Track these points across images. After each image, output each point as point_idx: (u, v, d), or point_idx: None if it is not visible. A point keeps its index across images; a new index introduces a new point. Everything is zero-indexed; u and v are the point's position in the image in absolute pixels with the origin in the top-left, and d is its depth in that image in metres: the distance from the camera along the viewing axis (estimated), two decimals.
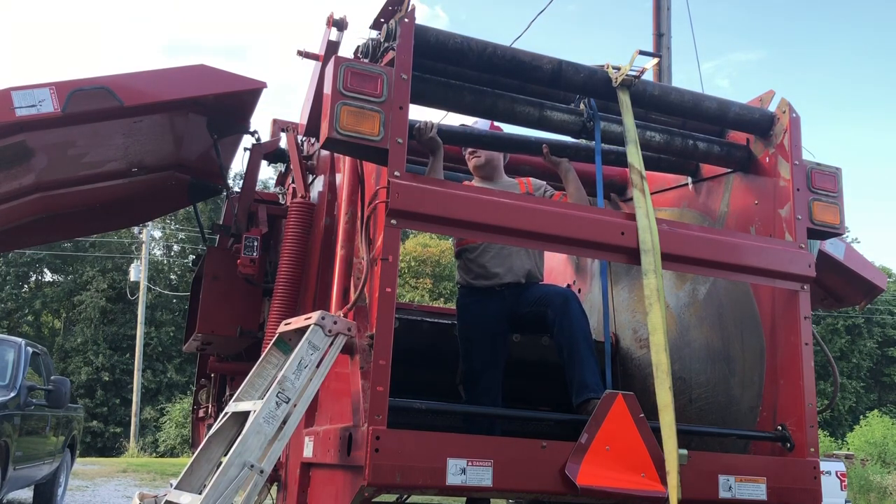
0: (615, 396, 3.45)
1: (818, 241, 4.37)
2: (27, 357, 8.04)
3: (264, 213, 5.32)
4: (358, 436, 3.15)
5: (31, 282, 37.38)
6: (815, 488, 3.72)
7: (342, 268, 3.86)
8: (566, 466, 3.26)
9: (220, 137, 5.25)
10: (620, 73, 3.89)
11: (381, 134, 3.31)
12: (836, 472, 14.64)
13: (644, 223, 3.66)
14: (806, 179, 4.09)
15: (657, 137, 4.29)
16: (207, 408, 6.47)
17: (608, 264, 4.71)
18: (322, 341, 3.23)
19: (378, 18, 3.65)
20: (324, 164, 4.67)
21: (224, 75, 4.73)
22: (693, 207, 4.72)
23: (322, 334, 3.23)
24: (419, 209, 3.32)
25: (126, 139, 5.02)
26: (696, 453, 3.54)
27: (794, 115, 4.17)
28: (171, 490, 3.31)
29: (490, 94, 3.95)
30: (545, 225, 3.54)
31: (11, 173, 4.84)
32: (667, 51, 9.65)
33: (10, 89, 4.02)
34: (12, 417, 7.20)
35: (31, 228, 5.90)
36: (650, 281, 3.57)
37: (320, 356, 3.22)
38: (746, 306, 4.20)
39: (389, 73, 3.39)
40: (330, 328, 3.24)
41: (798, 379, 3.81)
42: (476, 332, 4.25)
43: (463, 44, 3.70)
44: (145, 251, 31.43)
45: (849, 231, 28.50)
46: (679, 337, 4.55)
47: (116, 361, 33.43)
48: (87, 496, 11.20)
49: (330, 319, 3.24)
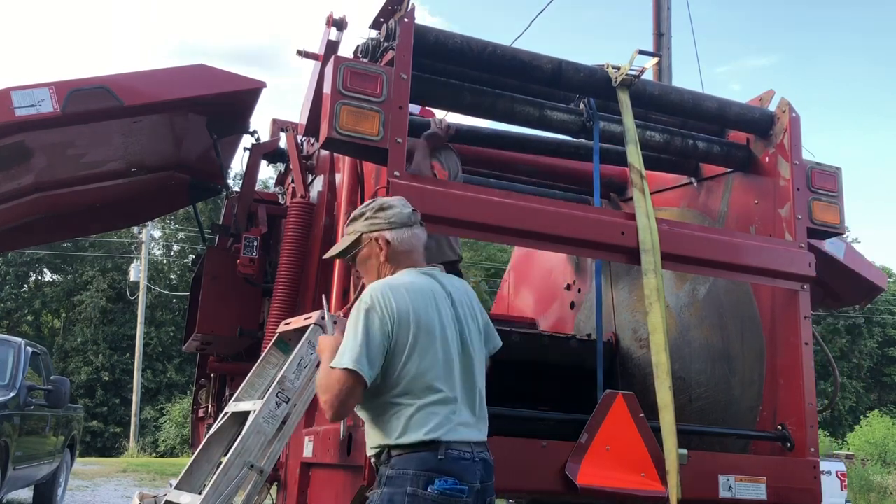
0: (615, 396, 3.44)
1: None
2: (27, 357, 8.02)
3: (264, 213, 5.32)
4: (358, 436, 3.15)
5: (30, 282, 37.34)
6: (815, 488, 3.72)
7: (342, 268, 3.85)
8: (566, 466, 3.26)
9: (220, 137, 5.25)
10: (620, 73, 3.89)
11: (380, 134, 3.31)
12: (836, 472, 14.63)
13: (644, 223, 3.65)
14: (806, 179, 4.09)
15: (657, 137, 4.29)
16: (207, 408, 6.46)
17: (604, 264, 4.71)
18: None
19: (378, 18, 3.65)
20: (323, 164, 4.67)
21: (223, 75, 4.73)
22: (693, 207, 4.72)
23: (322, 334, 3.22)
24: (419, 209, 3.31)
25: (125, 139, 5.01)
26: (696, 453, 3.54)
27: (793, 115, 4.17)
28: (171, 490, 3.31)
29: (490, 94, 3.95)
30: (545, 225, 3.54)
31: (11, 173, 4.83)
32: (667, 51, 9.63)
33: (10, 89, 4.02)
34: (12, 417, 7.19)
35: (31, 228, 5.90)
36: (650, 281, 3.57)
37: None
38: (746, 306, 4.20)
39: (389, 73, 3.38)
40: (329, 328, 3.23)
41: (798, 379, 3.81)
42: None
43: (463, 43, 3.70)
44: (145, 251, 31.43)
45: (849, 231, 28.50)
46: (679, 337, 4.54)
47: (116, 361, 33.41)
48: (86, 496, 11.20)
49: (330, 319, 3.23)
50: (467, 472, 2.44)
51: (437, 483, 2.37)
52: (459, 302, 2.64)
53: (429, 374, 2.45)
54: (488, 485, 2.53)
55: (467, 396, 2.54)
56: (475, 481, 2.46)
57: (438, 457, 2.40)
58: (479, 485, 2.47)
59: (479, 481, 2.47)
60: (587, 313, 5.36)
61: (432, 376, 2.45)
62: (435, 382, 2.45)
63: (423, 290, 2.55)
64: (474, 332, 2.65)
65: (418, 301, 2.50)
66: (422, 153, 3.93)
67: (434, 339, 2.48)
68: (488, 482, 2.53)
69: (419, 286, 2.55)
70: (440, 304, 2.56)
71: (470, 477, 2.44)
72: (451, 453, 2.42)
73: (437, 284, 2.62)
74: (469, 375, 2.57)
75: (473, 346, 2.62)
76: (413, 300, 2.49)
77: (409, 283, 2.55)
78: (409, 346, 2.44)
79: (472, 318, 2.66)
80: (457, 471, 2.41)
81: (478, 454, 2.50)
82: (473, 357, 2.60)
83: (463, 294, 2.69)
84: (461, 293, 2.68)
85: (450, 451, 2.42)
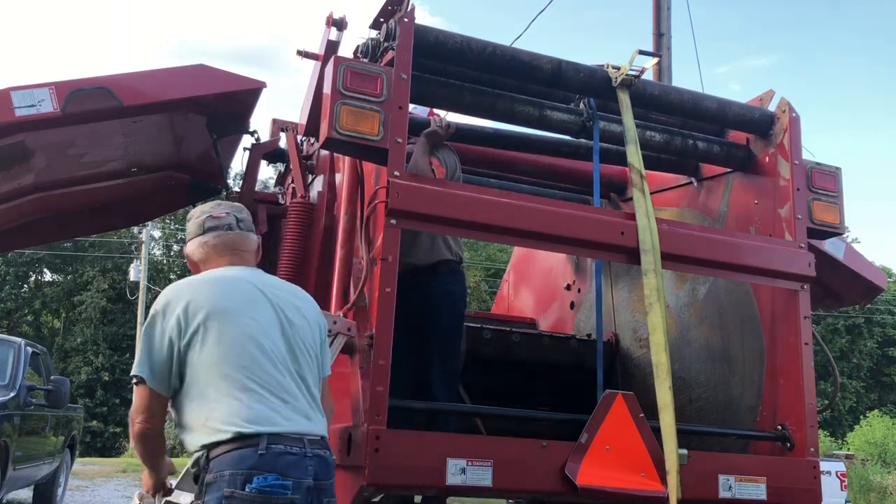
0: (615, 396, 3.45)
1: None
2: (27, 357, 8.02)
3: (264, 213, 5.31)
4: (358, 436, 3.14)
5: (30, 282, 37.35)
6: (815, 488, 3.72)
7: (342, 268, 3.85)
8: (566, 466, 3.26)
9: (220, 137, 5.24)
10: (620, 73, 3.89)
11: (380, 134, 3.31)
12: (836, 472, 14.63)
13: (644, 223, 3.65)
14: (806, 179, 4.09)
15: (657, 137, 4.29)
16: None
17: (604, 264, 4.71)
18: None
19: (378, 18, 3.65)
20: (323, 164, 4.67)
21: (223, 75, 4.72)
22: (693, 207, 4.72)
23: None
24: (419, 209, 3.32)
25: (125, 139, 5.01)
26: (696, 453, 3.54)
27: (793, 115, 4.17)
28: (172, 489, 3.30)
29: (490, 94, 3.95)
30: (545, 225, 3.54)
31: (11, 173, 4.83)
32: (667, 51, 9.63)
33: (10, 89, 4.01)
34: (12, 417, 7.18)
35: (31, 228, 5.89)
36: (650, 281, 3.57)
37: None
38: (746, 306, 4.20)
39: (389, 73, 3.38)
40: (329, 328, 3.23)
41: (798, 379, 3.80)
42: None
43: (463, 43, 3.70)
44: (145, 251, 31.42)
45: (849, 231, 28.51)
46: (679, 337, 4.55)
47: (116, 361, 33.40)
48: (86, 496, 11.19)
49: (329, 319, 3.23)
50: (294, 468, 2.22)
51: (255, 481, 2.16)
52: (275, 295, 2.46)
53: (228, 356, 2.27)
54: (325, 483, 2.32)
55: (293, 386, 2.34)
56: (305, 477, 2.24)
57: (259, 452, 2.20)
58: (312, 481, 2.26)
59: (310, 477, 2.25)
60: (587, 313, 5.37)
61: (234, 360, 2.27)
62: (238, 372, 2.26)
63: (220, 278, 2.43)
64: (300, 324, 2.45)
65: (209, 288, 2.38)
66: (421, 150, 3.94)
67: (232, 325, 2.31)
68: (325, 481, 2.32)
69: (216, 275, 2.45)
70: (241, 289, 2.41)
71: (297, 472, 2.23)
72: (273, 448, 2.21)
73: (243, 275, 2.48)
74: (295, 365, 2.37)
75: (298, 335, 2.42)
76: (201, 289, 2.37)
77: (204, 275, 2.47)
78: (201, 333, 2.28)
79: (294, 310, 2.47)
80: (280, 466, 2.20)
81: (311, 450, 2.28)
82: (297, 347, 2.41)
83: (282, 290, 2.52)
84: (281, 290, 2.52)
85: (272, 445, 2.21)
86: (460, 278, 4.17)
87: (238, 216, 2.64)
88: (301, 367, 2.40)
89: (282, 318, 2.42)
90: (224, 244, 2.56)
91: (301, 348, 2.43)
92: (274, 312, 2.41)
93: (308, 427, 2.32)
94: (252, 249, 2.62)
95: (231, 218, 2.61)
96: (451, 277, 4.07)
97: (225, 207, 2.66)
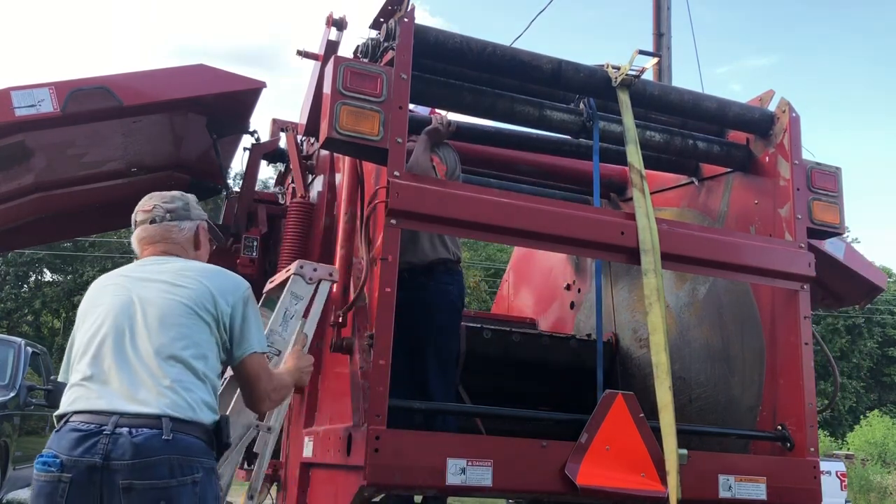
0: (615, 396, 3.44)
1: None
2: (27, 357, 8.03)
3: (264, 213, 5.31)
4: (358, 436, 3.15)
5: (30, 282, 37.34)
6: (815, 488, 3.72)
7: (342, 268, 3.85)
8: (566, 466, 3.26)
9: (220, 137, 5.24)
10: (620, 73, 3.89)
11: (380, 134, 3.31)
12: (836, 472, 14.66)
13: (644, 223, 3.65)
14: (806, 179, 4.09)
15: (657, 137, 4.28)
16: None
17: (604, 264, 4.71)
18: (304, 290, 3.22)
19: (378, 18, 3.65)
20: (323, 164, 4.67)
21: (223, 75, 4.73)
22: (693, 207, 4.72)
23: (303, 283, 3.23)
24: (419, 209, 3.32)
25: (125, 139, 5.01)
26: (696, 453, 3.54)
27: (793, 115, 4.17)
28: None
29: (490, 94, 3.95)
30: (545, 225, 3.53)
31: (11, 173, 4.83)
32: (667, 51, 9.64)
33: (10, 89, 4.02)
34: (12, 417, 7.20)
35: (31, 228, 5.89)
36: (650, 281, 3.57)
37: (305, 305, 3.21)
38: (746, 306, 4.20)
39: (389, 73, 3.38)
40: (310, 276, 3.24)
41: (798, 379, 3.80)
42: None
43: (462, 43, 3.70)
44: None
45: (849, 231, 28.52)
46: (679, 337, 4.55)
47: None
48: None
49: (309, 267, 3.25)
50: (72, 444, 2.10)
51: (37, 459, 2.12)
52: (142, 278, 2.42)
53: (79, 350, 2.35)
54: (120, 464, 2.08)
55: (119, 364, 2.25)
56: (87, 455, 2.08)
57: (56, 430, 2.18)
58: (101, 460, 2.08)
59: (97, 456, 2.08)
60: (587, 313, 5.37)
61: (82, 351, 2.33)
62: (82, 359, 2.30)
63: (114, 273, 2.54)
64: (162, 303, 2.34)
65: (101, 283, 2.49)
66: (422, 147, 3.94)
67: (93, 315, 2.37)
68: (122, 461, 2.08)
69: (102, 278, 2.55)
70: (117, 280, 2.45)
71: (72, 448, 2.09)
72: (66, 425, 2.15)
73: (141, 265, 2.52)
74: (133, 342, 2.29)
75: (158, 314, 2.32)
76: (97, 285, 2.50)
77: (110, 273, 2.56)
78: (77, 326, 2.43)
79: (164, 291, 2.37)
80: (62, 444, 2.11)
81: (116, 429, 2.11)
82: (149, 326, 2.30)
83: (161, 272, 2.44)
84: (160, 273, 2.44)
85: (67, 423, 2.16)
86: (458, 278, 4.17)
87: (167, 207, 2.66)
88: (148, 346, 2.28)
89: (134, 300, 2.36)
90: (146, 237, 2.61)
91: (155, 326, 2.31)
92: (122, 298, 2.38)
93: (116, 404, 2.17)
94: (181, 239, 2.63)
95: (158, 210, 2.64)
96: (448, 277, 4.07)
97: (155, 199, 2.69)
